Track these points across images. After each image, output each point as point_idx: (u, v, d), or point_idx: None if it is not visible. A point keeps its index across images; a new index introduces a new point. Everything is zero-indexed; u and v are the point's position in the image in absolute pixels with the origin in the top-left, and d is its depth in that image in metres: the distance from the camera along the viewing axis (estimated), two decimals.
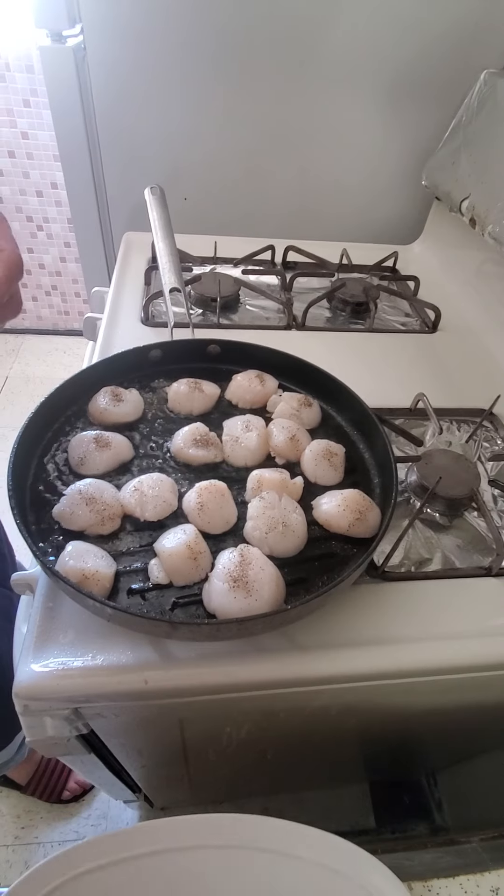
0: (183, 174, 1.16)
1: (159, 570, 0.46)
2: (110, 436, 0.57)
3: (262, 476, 0.54)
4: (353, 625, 0.51)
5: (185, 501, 0.52)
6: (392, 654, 0.49)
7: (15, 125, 1.93)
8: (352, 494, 0.53)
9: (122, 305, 0.93)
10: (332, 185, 1.17)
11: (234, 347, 0.70)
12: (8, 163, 2.01)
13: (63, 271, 2.30)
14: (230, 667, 0.46)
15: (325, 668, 0.47)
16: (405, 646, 0.50)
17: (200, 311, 0.96)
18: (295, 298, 1.02)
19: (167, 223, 0.80)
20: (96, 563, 0.44)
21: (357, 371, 0.85)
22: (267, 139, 1.11)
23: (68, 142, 1.12)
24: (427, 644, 0.51)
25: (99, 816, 1.25)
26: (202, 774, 0.90)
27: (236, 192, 1.18)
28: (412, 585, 0.56)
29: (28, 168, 2.03)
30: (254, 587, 0.43)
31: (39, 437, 0.58)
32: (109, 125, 1.09)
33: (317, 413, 0.65)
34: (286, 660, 0.47)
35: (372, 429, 0.61)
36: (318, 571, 0.50)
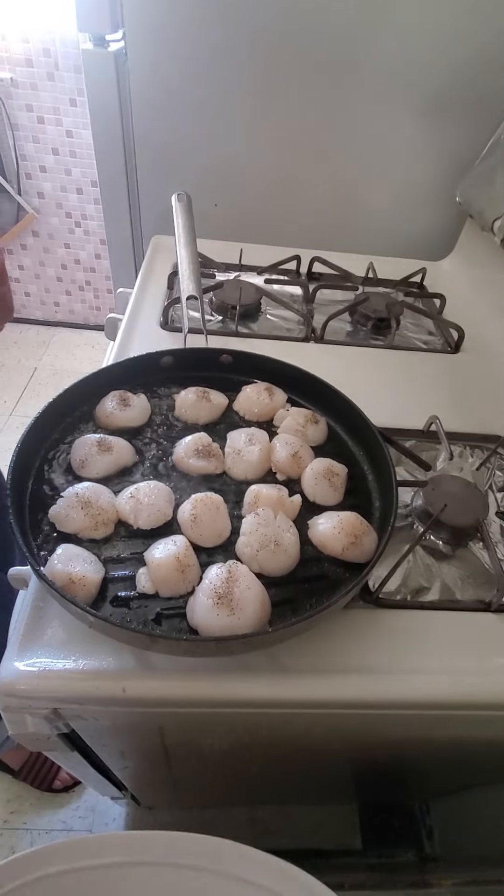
0: (214, 180, 1.16)
1: (146, 580, 0.46)
2: (113, 440, 0.57)
3: (259, 492, 0.54)
4: (342, 650, 0.50)
5: (179, 512, 0.52)
6: (379, 683, 0.48)
7: (61, 123, 1.98)
8: (348, 517, 0.52)
9: (144, 308, 0.94)
10: (363, 196, 1.16)
11: (246, 358, 0.70)
12: (51, 160, 2.06)
13: (97, 268, 2.35)
14: (210, 682, 0.46)
15: (309, 692, 0.47)
16: (394, 677, 0.49)
17: (220, 318, 0.97)
18: (316, 310, 1.01)
19: (191, 231, 0.81)
20: (84, 569, 0.45)
21: (372, 388, 0.83)
22: (300, 148, 1.11)
23: (104, 143, 1.14)
24: (417, 677, 0.49)
25: (87, 809, 1.27)
26: (186, 780, 0.90)
27: (266, 201, 1.18)
28: (407, 614, 0.55)
29: (70, 165, 2.07)
30: (238, 605, 0.43)
31: (45, 436, 0.59)
32: (145, 129, 1.11)
33: (323, 430, 0.64)
34: (269, 680, 0.47)
35: (377, 450, 0.60)
36: (307, 594, 0.49)
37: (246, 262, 1.07)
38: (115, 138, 1.13)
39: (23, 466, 0.54)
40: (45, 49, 1.81)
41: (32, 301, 2.47)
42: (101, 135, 1.13)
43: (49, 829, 1.25)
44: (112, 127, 1.11)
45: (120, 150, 1.15)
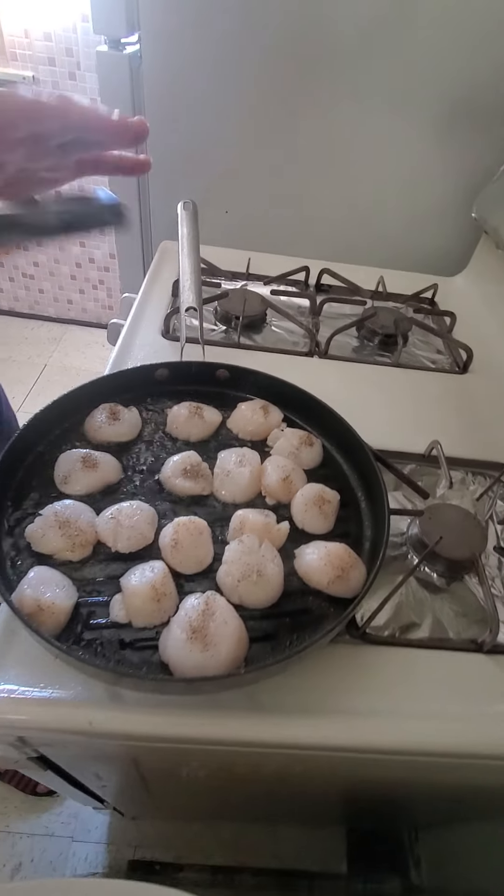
0: (226, 187, 1.15)
1: (120, 608, 0.45)
2: (99, 456, 0.56)
3: (245, 518, 0.52)
4: (324, 688, 0.48)
5: (161, 535, 0.51)
6: (363, 728, 0.46)
7: None
8: (336, 549, 0.50)
9: (146, 315, 0.93)
10: (376, 208, 1.13)
11: (244, 374, 0.68)
12: None
13: (111, 267, 2.35)
14: (182, 718, 0.44)
15: (287, 734, 0.45)
16: (378, 721, 0.46)
17: (224, 328, 0.95)
18: (322, 324, 0.99)
19: (195, 240, 0.79)
20: (55, 595, 0.43)
21: (375, 408, 0.81)
22: (314, 158, 1.09)
23: None
24: (403, 722, 0.47)
25: (70, 815, 1.25)
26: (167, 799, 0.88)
27: (277, 210, 1.16)
28: (395, 652, 0.52)
29: None
30: (212, 641, 0.41)
31: (31, 448, 0.58)
32: (157, 133, 1.09)
33: (318, 453, 0.62)
34: (244, 719, 0.45)
35: (371, 476, 0.57)
36: (289, 629, 0.47)
37: (253, 272, 1.06)
38: None
39: (3, 481, 0.53)
40: (67, 48, 1.81)
41: (46, 298, 2.48)
42: None
43: (31, 833, 1.24)
44: None
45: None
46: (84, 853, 1.22)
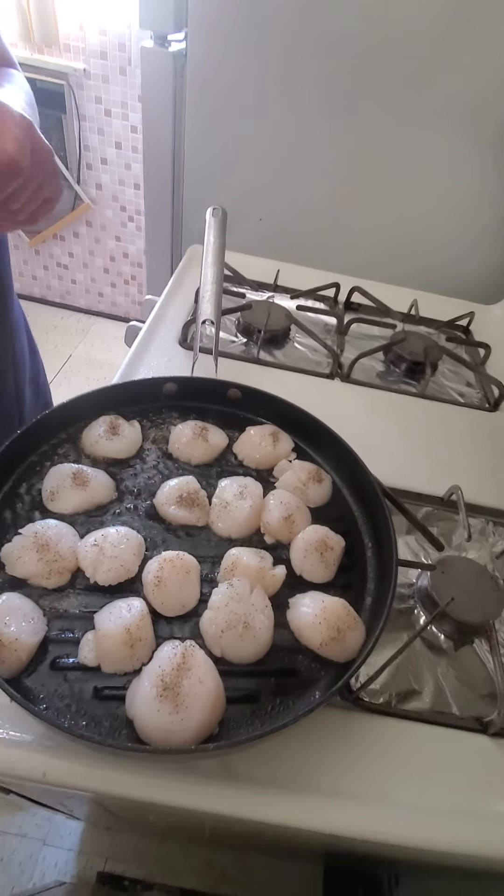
0: (262, 194, 1.11)
1: (90, 649, 0.41)
2: (91, 473, 0.52)
3: (238, 559, 0.47)
4: (305, 759, 0.43)
5: (145, 570, 0.47)
6: (345, 814, 0.41)
7: (127, 118, 1.98)
8: (334, 606, 0.45)
9: (165, 320, 0.89)
10: (418, 227, 1.08)
11: (256, 395, 0.64)
12: (113, 153, 2.06)
13: (144, 264, 2.34)
14: (145, 779, 0.40)
15: (259, 811, 0.40)
16: (362, 808, 0.42)
17: (244, 340, 0.91)
18: (348, 344, 0.94)
19: (220, 249, 0.75)
20: (20, 629, 0.40)
21: (393, 440, 0.76)
22: (356, 171, 1.04)
23: (154, 144, 1.10)
24: (391, 813, 0.42)
25: (44, 818, 1.23)
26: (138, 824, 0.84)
27: (312, 221, 1.11)
28: (389, 723, 0.47)
29: (131, 161, 2.07)
30: (184, 703, 0.37)
31: (23, 457, 0.55)
32: (196, 134, 1.07)
33: (326, 490, 0.57)
34: (212, 788, 0.40)
35: (382, 525, 0.52)
36: (272, 691, 0.42)
37: (281, 283, 1.01)
38: (166, 140, 1.09)
39: None
40: (120, 43, 1.80)
41: (78, 289, 2.49)
42: (151, 134, 1.10)
43: (4, 831, 1.22)
44: (163, 128, 1.07)
45: (169, 151, 1.11)
46: (55, 859, 1.20)
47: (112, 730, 0.38)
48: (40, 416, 0.56)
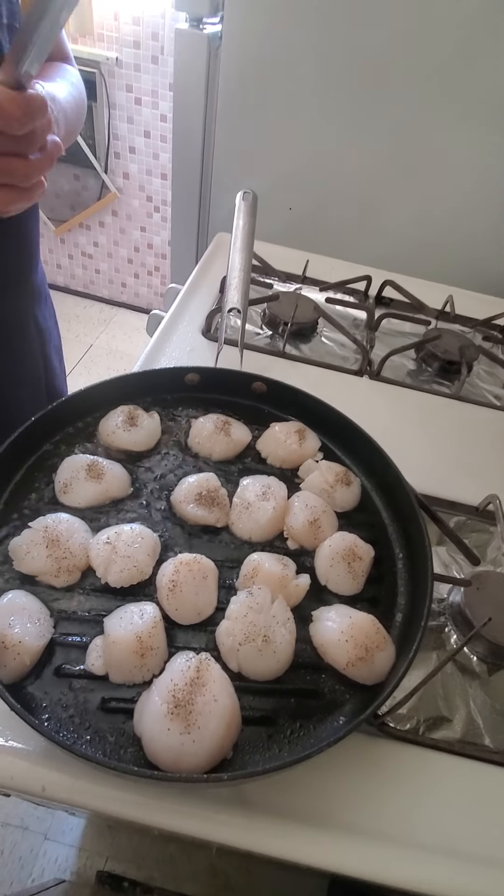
0: (293, 183, 1.07)
1: (98, 656, 0.38)
2: (107, 466, 0.49)
3: (260, 565, 0.44)
4: (323, 789, 0.40)
5: (159, 573, 0.43)
6: (363, 856, 0.37)
7: (157, 107, 1.95)
8: (362, 622, 0.41)
9: (189, 310, 0.86)
10: (456, 220, 1.02)
11: (282, 390, 0.60)
12: (142, 142, 2.04)
13: (168, 255, 2.31)
14: (148, 801, 0.37)
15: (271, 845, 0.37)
16: (382, 849, 0.38)
17: (270, 332, 0.87)
18: (378, 341, 0.89)
19: (250, 235, 0.72)
20: (24, 630, 0.37)
21: (425, 443, 0.71)
22: (392, 162, 0.99)
23: (184, 127, 1.07)
24: (413, 857, 0.38)
25: (46, 812, 1.22)
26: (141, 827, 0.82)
27: (344, 211, 1.07)
28: (416, 753, 0.43)
29: (159, 150, 2.04)
30: (196, 723, 0.34)
31: (37, 444, 0.52)
32: (228, 119, 1.03)
33: (354, 495, 0.53)
34: (223, 818, 0.37)
35: (416, 534, 0.48)
36: (292, 713, 0.39)
37: (310, 275, 0.97)
38: (196, 124, 1.06)
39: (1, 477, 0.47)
40: (153, 32, 1.78)
41: (101, 279, 2.48)
42: (182, 119, 1.07)
43: (6, 822, 1.21)
44: (194, 111, 1.04)
45: (199, 136, 1.08)
46: (55, 854, 1.18)
47: (118, 746, 0.35)
48: (56, 404, 0.53)
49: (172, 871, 1.17)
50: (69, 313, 2.50)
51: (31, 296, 0.68)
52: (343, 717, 0.38)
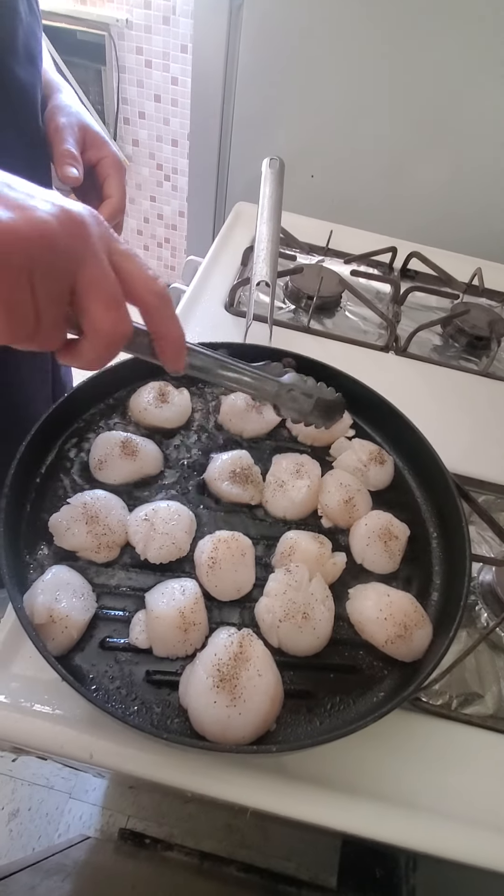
0: (316, 149, 1.03)
1: (141, 630, 0.38)
2: (140, 443, 0.49)
3: (296, 542, 0.44)
4: (357, 759, 0.40)
5: (197, 550, 0.44)
6: (393, 822, 0.38)
7: (168, 69, 1.87)
8: (401, 601, 0.41)
9: (211, 283, 0.84)
10: (486, 189, 0.99)
11: (313, 367, 0.59)
12: (152, 107, 1.96)
13: (179, 226, 2.26)
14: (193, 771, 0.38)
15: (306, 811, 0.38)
16: (413, 818, 0.39)
17: (293, 307, 0.85)
18: (404, 315, 0.87)
19: (277, 205, 0.69)
20: (70, 605, 0.37)
21: (453, 421, 0.70)
22: (424, 126, 0.95)
23: (203, 92, 1.03)
24: (445, 826, 0.39)
25: (70, 772, 1.27)
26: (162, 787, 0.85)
27: (370, 180, 1.03)
28: (448, 728, 0.44)
29: (170, 115, 1.97)
30: (242, 696, 0.34)
31: (69, 421, 0.52)
32: (249, 84, 0.99)
33: (388, 473, 0.53)
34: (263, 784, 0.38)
35: (452, 513, 0.48)
36: (331, 688, 0.39)
37: (333, 247, 0.94)
38: (216, 88, 1.01)
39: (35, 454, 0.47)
40: None
41: None
42: (200, 82, 1.03)
43: (32, 782, 1.27)
44: (214, 76, 1.00)
45: (219, 102, 1.03)
46: (79, 812, 1.24)
47: (164, 717, 0.36)
48: (86, 379, 0.52)
49: (191, 828, 1.23)
50: None
51: None
52: (382, 693, 0.39)
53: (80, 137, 0.50)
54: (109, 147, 0.52)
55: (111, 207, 0.51)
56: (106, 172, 0.51)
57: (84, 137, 0.51)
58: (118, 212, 0.52)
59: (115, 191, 0.52)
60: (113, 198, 0.51)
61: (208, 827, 1.24)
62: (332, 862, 1.24)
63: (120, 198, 0.52)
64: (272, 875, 1.23)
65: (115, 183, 0.52)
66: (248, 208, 1.01)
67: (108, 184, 0.51)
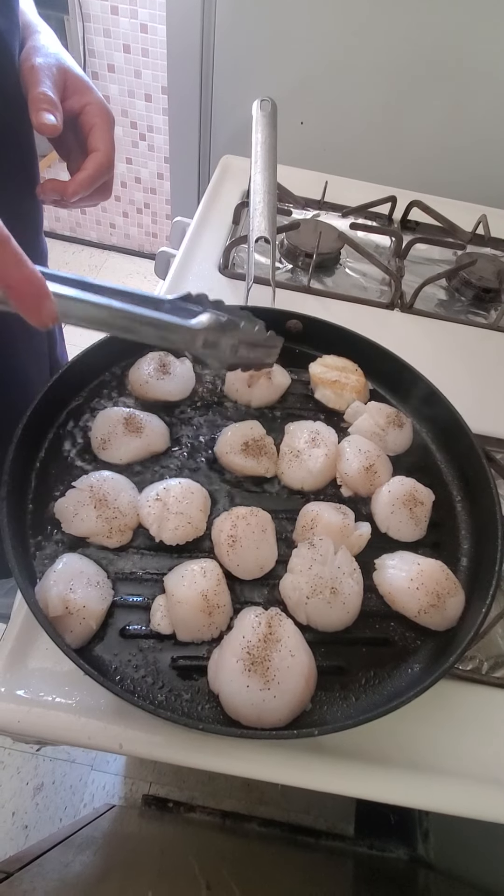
0: (303, 94, 0.95)
1: (163, 616, 0.36)
2: (144, 418, 0.46)
3: (318, 515, 0.42)
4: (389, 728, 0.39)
5: (215, 528, 0.41)
6: (429, 791, 0.38)
7: (136, 16, 1.73)
8: (431, 568, 0.40)
9: (202, 245, 0.79)
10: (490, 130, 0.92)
11: (320, 328, 0.56)
12: (121, 58, 1.83)
13: (158, 189, 2.15)
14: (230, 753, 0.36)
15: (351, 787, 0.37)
16: (448, 786, 0.38)
17: (290, 266, 0.81)
18: (407, 269, 0.83)
19: (272, 151, 0.64)
20: (86, 594, 0.35)
21: (464, 378, 0.67)
22: (417, 62, 0.88)
23: (179, 37, 0.94)
24: (477, 790, 0.38)
25: None
26: None
27: (364, 124, 0.96)
28: (478, 693, 0.43)
29: (141, 66, 1.84)
30: (275, 678, 0.33)
31: (66, 399, 0.48)
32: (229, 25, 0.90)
33: (407, 437, 0.50)
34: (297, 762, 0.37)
35: (479, 476, 0.46)
36: (364, 663, 0.38)
37: (329, 199, 0.89)
38: (193, 32, 0.93)
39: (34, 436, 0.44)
40: None
41: (88, 220, 2.32)
42: (176, 27, 0.93)
43: (54, 757, 1.29)
44: (191, 18, 0.91)
45: (197, 47, 0.95)
46: (102, 782, 1.27)
47: (194, 703, 0.35)
48: (81, 354, 0.49)
49: (211, 790, 1.26)
50: (58, 260, 2.36)
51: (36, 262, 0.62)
52: (417, 664, 0.38)
53: (60, 81, 0.43)
54: (94, 93, 0.45)
55: (97, 162, 0.44)
56: (91, 122, 0.44)
57: (65, 81, 0.43)
58: (106, 167, 0.45)
59: (102, 143, 0.44)
60: (99, 151, 0.44)
61: (227, 787, 1.28)
62: (348, 811, 1.28)
63: (107, 150, 0.45)
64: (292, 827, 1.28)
65: (101, 134, 0.44)
66: (236, 161, 0.95)
67: (94, 135, 0.44)
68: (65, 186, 0.43)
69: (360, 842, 1.28)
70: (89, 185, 0.43)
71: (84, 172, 0.43)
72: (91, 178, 0.43)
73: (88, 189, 0.43)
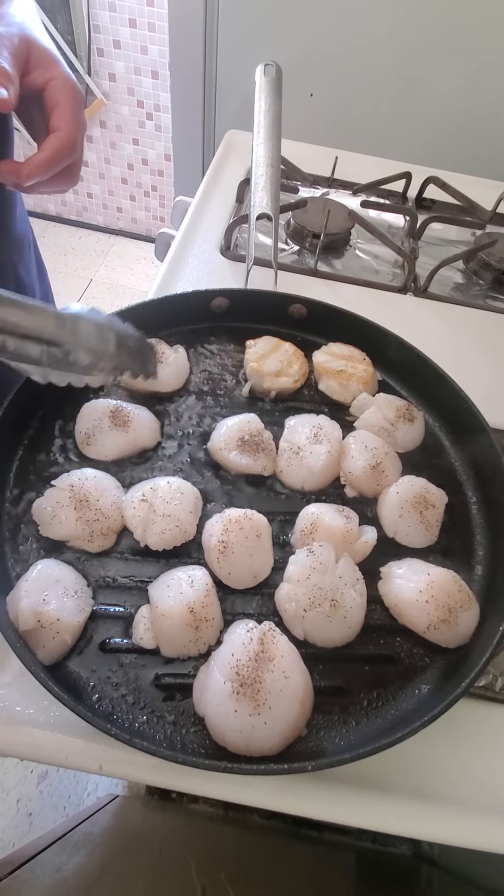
0: (313, 64, 0.90)
1: (146, 629, 0.33)
2: (132, 411, 0.43)
3: (319, 518, 0.38)
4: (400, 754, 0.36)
5: (205, 532, 0.38)
6: (436, 824, 0.34)
7: None
8: (443, 579, 0.36)
9: (203, 224, 0.75)
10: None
11: (326, 313, 0.51)
12: (127, 33, 1.77)
13: (166, 171, 2.09)
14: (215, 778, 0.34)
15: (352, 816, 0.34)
16: (459, 819, 0.35)
17: (296, 247, 0.76)
18: (422, 251, 0.78)
19: (276, 120, 0.59)
20: (61, 605, 0.32)
21: (482, 367, 0.63)
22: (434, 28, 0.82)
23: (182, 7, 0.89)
24: (486, 824, 0.35)
25: None
26: None
27: (377, 96, 0.90)
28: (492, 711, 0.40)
29: (147, 42, 1.77)
30: (266, 702, 0.29)
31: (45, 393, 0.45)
32: None
33: (419, 432, 0.46)
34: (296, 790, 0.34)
35: (496, 474, 0.42)
36: (366, 682, 0.34)
37: (339, 176, 0.84)
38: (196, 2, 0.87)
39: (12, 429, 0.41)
40: None
41: (94, 204, 2.27)
42: None
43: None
44: None
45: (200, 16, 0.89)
46: None
47: (178, 726, 0.32)
48: None
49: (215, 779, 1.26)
50: (64, 245, 2.33)
51: (10, 247, 0.58)
52: (426, 685, 0.34)
53: (22, 53, 0.39)
54: (61, 66, 0.41)
55: (57, 143, 0.39)
56: (54, 99, 0.40)
57: (28, 53, 0.39)
58: (67, 149, 0.40)
59: (64, 122, 0.40)
60: (60, 132, 0.40)
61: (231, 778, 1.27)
62: None
63: (69, 131, 0.40)
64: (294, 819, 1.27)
65: (64, 112, 0.40)
66: (241, 136, 0.89)
67: (56, 113, 0.40)
68: (19, 168, 0.38)
69: (363, 836, 1.26)
70: (45, 169, 0.39)
71: (40, 155, 0.39)
72: (47, 162, 0.39)
73: (45, 173, 0.39)
